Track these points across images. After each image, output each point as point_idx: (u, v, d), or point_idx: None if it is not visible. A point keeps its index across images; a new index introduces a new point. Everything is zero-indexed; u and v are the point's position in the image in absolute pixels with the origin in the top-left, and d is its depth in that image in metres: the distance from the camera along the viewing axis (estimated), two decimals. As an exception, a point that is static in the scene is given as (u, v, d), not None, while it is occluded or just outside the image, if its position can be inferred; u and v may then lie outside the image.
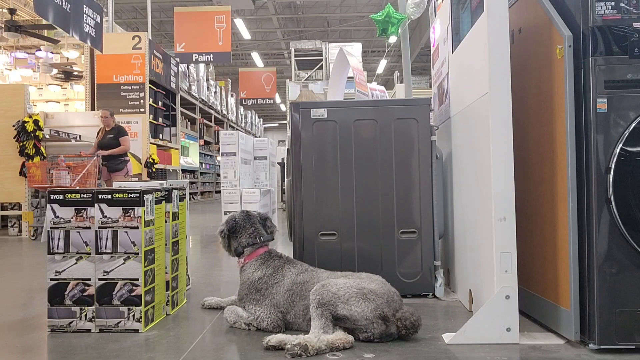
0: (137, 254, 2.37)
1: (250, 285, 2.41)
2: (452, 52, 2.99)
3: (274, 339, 2.07)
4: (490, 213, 2.21)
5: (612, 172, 1.97)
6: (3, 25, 8.90)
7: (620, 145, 1.98)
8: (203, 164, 17.62)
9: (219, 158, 14.16)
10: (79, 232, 2.39)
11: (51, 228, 2.39)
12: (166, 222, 2.69)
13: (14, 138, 6.55)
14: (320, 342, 2.00)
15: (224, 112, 19.55)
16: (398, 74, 10.16)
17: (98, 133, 6.97)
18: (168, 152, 10.98)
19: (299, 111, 3.00)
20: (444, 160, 3.18)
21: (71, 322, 2.36)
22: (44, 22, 7.88)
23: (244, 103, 18.42)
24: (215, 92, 17.74)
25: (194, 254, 4.93)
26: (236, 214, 2.62)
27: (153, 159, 9.22)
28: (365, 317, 2.06)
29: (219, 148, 6.65)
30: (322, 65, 12.08)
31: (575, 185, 2.07)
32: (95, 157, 6.29)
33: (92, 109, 9.02)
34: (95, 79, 9.26)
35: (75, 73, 9.96)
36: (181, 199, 2.92)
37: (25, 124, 6.49)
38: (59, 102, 10.61)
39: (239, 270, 2.55)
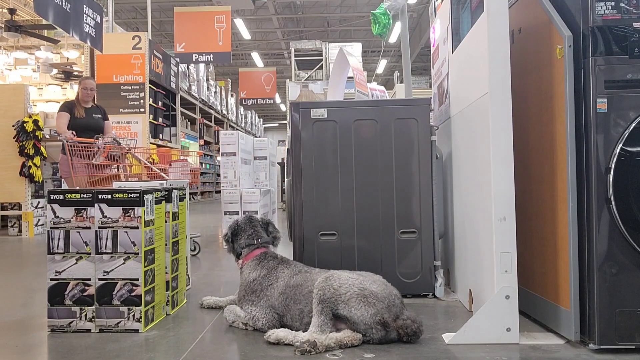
0: (137, 254, 2.37)
1: (246, 286, 2.44)
2: (452, 52, 2.99)
3: (274, 335, 2.13)
4: (490, 213, 2.21)
5: (612, 172, 1.97)
6: (3, 25, 8.90)
7: (620, 145, 1.98)
8: (203, 164, 17.61)
9: (219, 158, 14.16)
10: (79, 232, 2.39)
11: (51, 228, 2.39)
12: (166, 222, 2.69)
13: (14, 138, 6.56)
14: (329, 339, 2.02)
15: (224, 112, 19.54)
16: (398, 74, 10.15)
17: (72, 108, 4.96)
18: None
19: (299, 111, 3.00)
20: (444, 160, 3.17)
21: (71, 322, 2.36)
22: (44, 22, 7.88)
23: (244, 103, 18.41)
24: (215, 92, 17.73)
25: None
26: (239, 219, 2.68)
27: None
28: (364, 322, 2.06)
29: (219, 148, 6.63)
30: (322, 65, 12.07)
31: (575, 185, 2.07)
32: (135, 142, 4.47)
33: (92, 108, 9.00)
34: (95, 79, 9.25)
35: (75, 73, 9.95)
36: (181, 199, 2.92)
37: (25, 124, 6.49)
38: (59, 102, 10.60)
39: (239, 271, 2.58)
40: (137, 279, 2.36)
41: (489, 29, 2.20)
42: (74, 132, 4.64)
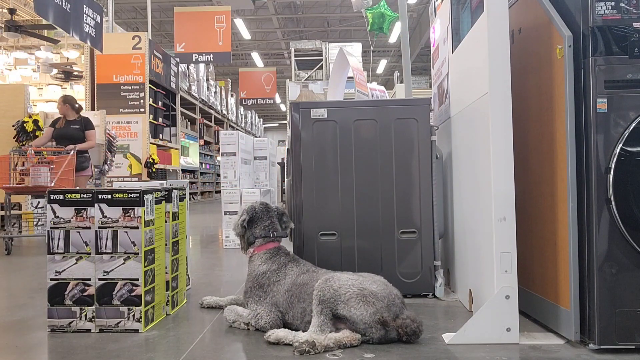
0: (137, 254, 2.37)
1: (254, 278, 2.43)
2: (452, 52, 2.99)
3: (274, 335, 2.13)
4: (490, 213, 2.21)
5: (612, 172, 1.97)
6: (3, 25, 8.90)
7: (620, 145, 1.98)
8: (203, 164, 17.62)
9: (219, 158, 14.16)
10: (79, 232, 2.39)
11: (51, 228, 2.39)
12: (166, 222, 2.69)
13: (14, 138, 6.55)
14: (328, 339, 2.02)
15: (224, 112, 19.54)
16: (398, 74, 10.15)
17: (56, 123, 5.92)
18: (168, 152, 10.99)
19: (299, 111, 3.00)
20: (444, 160, 3.18)
21: (71, 322, 2.36)
22: (44, 22, 7.88)
23: (244, 103, 18.43)
24: (215, 92, 17.74)
25: (194, 254, 4.93)
26: (255, 205, 2.63)
27: (153, 159, 9.22)
28: (363, 321, 2.06)
29: (219, 148, 6.63)
30: (322, 65, 12.09)
31: (575, 185, 2.07)
32: (73, 152, 5.34)
33: (92, 109, 9.02)
34: (95, 79, 9.26)
35: (75, 73, 9.95)
36: (181, 199, 2.92)
37: (25, 124, 6.49)
38: (59, 102, 10.59)
39: (247, 259, 2.58)
40: (137, 279, 2.36)
41: (489, 29, 2.20)
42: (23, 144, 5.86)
